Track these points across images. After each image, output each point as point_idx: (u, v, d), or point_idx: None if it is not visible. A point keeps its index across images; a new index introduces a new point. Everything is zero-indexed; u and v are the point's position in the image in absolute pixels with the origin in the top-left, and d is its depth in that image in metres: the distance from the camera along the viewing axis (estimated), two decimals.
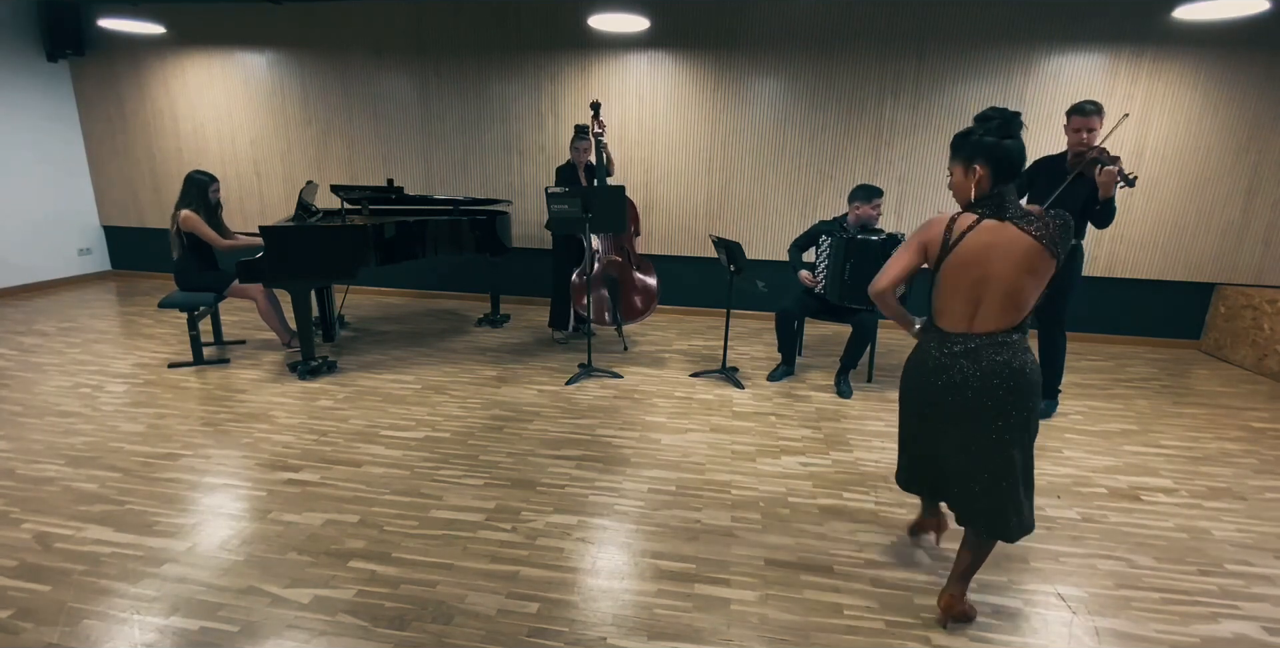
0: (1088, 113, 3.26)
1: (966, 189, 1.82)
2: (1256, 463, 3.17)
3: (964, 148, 1.81)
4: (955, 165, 1.83)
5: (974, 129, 1.80)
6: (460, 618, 1.96)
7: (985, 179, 1.78)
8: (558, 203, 3.86)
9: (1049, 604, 2.09)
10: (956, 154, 1.83)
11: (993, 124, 1.77)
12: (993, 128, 1.77)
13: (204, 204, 4.13)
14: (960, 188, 1.84)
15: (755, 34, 5.18)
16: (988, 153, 1.77)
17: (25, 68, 6.00)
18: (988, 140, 1.77)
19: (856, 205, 3.92)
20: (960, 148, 1.82)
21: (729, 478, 2.87)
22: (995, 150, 1.76)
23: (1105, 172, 3.11)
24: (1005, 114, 1.76)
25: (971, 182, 1.80)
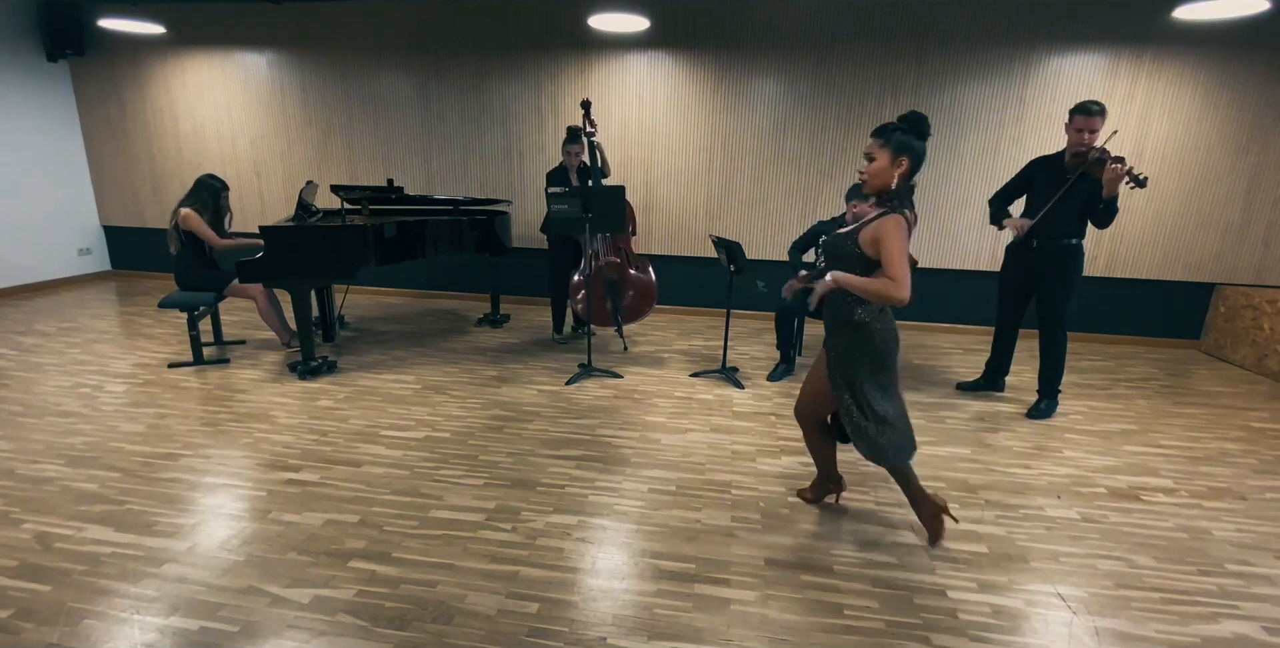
0: (1092, 113, 3.25)
1: (889, 177, 2.03)
2: (1256, 463, 3.17)
3: (893, 139, 2.02)
4: (883, 152, 2.02)
5: (901, 125, 2.02)
6: (460, 618, 1.96)
7: (905, 173, 2.03)
8: (558, 203, 3.86)
9: (1049, 604, 2.09)
10: (887, 143, 2.01)
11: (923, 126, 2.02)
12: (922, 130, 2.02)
13: (210, 208, 4.16)
14: (883, 174, 2.04)
15: (755, 34, 5.18)
16: (913, 151, 2.02)
17: (25, 68, 6.00)
18: (916, 142, 2.02)
19: (854, 203, 3.92)
20: (890, 138, 2.02)
21: (729, 478, 2.87)
22: (919, 150, 2.03)
23: (1111, 169, 3.09)
24: (923, 118, 2.02)
25: (896, 172, 2.02)
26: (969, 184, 5.18)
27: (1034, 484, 2.89)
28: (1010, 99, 4.97)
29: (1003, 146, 5.05)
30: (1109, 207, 3.23)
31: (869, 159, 2.05)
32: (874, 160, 2.03)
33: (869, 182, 2.06)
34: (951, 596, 2.11)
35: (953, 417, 3.65)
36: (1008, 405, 3.83)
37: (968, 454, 3.17)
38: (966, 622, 1.99)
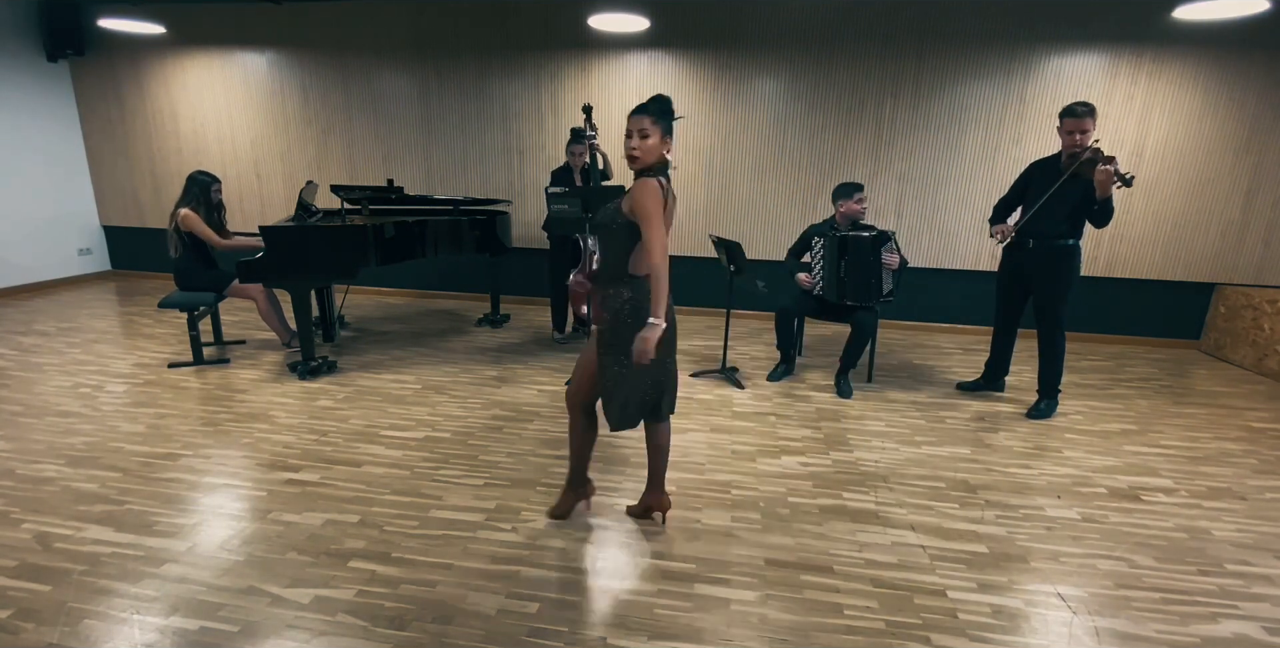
0: (1079, 115, 3.26)
1: (659, 153, 2.14)
2: (1256, 463, 3.17)
3: (667, 119, 2.13)
4: (655, 129, 2.10)
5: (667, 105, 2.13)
6: (460, 618, 1.96)
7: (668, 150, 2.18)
8: (558, 203, 3.85)
9: (1049, 604, 2.09)
10: (661, 121, 2.11)
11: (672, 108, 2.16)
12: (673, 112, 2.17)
13: (205, 204, 4.15)
14: (654, 150, 2.13)
15: (755, 34, 5.18)
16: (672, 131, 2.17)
17: (25, 68, 6.00)
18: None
19: (841, 203, 3.94)
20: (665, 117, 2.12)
21: (729, 478, 2.87)
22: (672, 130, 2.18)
23: (1101, 170, 3.11)
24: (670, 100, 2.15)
25: (663, 149, 2.14)
26: (969, 184, 5.18)
27: (1034, 484, 2.89)
28: (1010, 99, 4.97)
29: (1003, 146, 5.05)
30: (1104, 207, 3.24)
31: (642, 136, 2.10)
32: (647, 137, 2.10)
33: (641, 157, 2.12)
34: (951, 596, 2.12)
35: (953, 417, 3.65)
36: (1008, 405, 3.83)
37: (968, 454, 3.17)
38: (966, 622, 1.99)
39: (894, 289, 3.90)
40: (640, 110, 2.11)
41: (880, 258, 3.79)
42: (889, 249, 3.81)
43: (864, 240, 3.80)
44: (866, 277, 3.83)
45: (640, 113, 2.10)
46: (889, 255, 3.81)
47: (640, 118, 2.09)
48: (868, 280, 3.83)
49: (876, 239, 3.78)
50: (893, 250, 3.82)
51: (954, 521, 2.57)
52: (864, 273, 3.83)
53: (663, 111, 2.11)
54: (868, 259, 3.81)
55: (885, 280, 3.85)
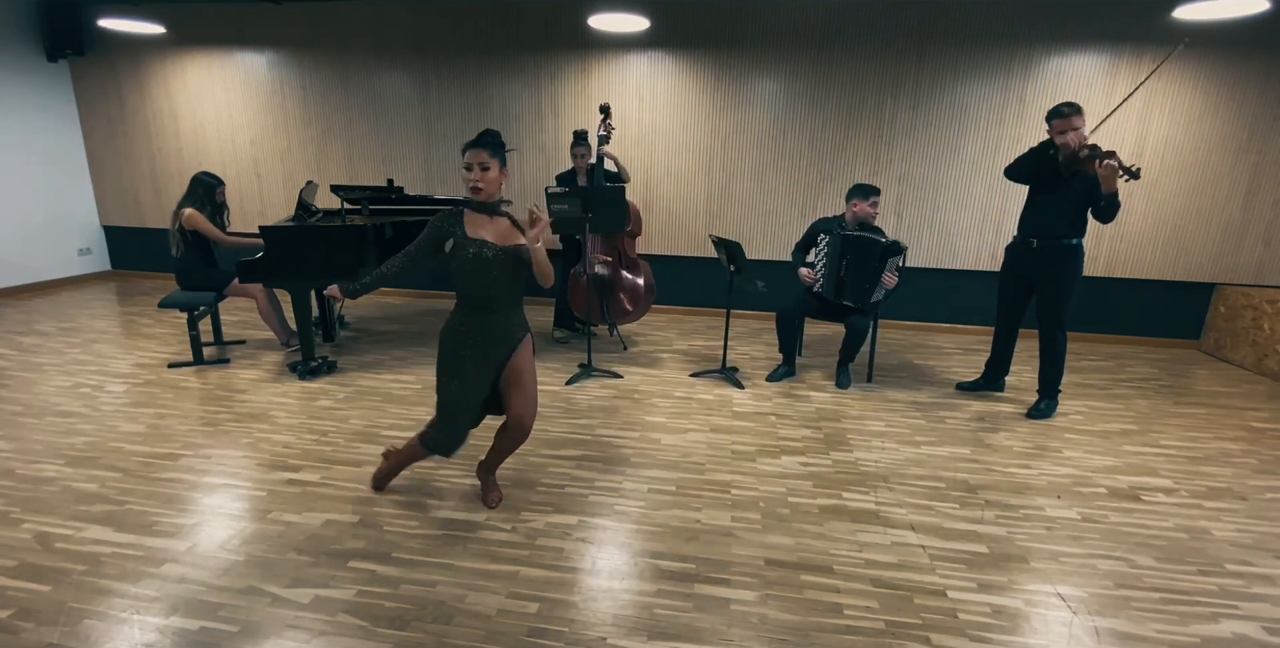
0: (1066, 115, 3.26)
1: (498, 184, 2.27)
2: (1256, 463, 3.17)
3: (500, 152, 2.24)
4: (495, 162, 2.22)
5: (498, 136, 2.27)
6: (460, 618, 1.96)
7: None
8: (558, 203, 3.86)
9: (1049, 604, 2.09)
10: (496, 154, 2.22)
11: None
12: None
13: (210, 205, 4.17)
14: (495, 182, 2.25)
15: (755, 34, 5.18)
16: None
17: (25, 68, 6.00)
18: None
19: (854, 203, 3.93)
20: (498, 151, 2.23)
21: (729, 478, 2.87)
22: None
23: (1105, 165, 3.09)
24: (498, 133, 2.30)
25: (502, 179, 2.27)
26: (969, 184, 5.18)
27: (1034, 484, 2.89)
28: (1010, 99, 4.97)
29: (1003, 146, 5.05)
30: (1110, 201, 3.23)
31: (484, 168, 2.20)
32: (488, 169, 2.21)
33: (486, 189, 2.23)
34: (951, 596, 2.12)
35: (953, 417, 3.65)
36: (1008, 405, 3.83)
37: (968, 454, 3.17)
38: (966, 622, 1.99)
39: (882, 301, 3.92)
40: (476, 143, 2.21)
41: (884, 266, 3.76)
42: (893, 267, 3.78)
43: (873, 245, 3.76)
44: (863, 280, 3.83)
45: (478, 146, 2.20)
46: (889, 275, 3.78)
47: (480, 152, 2.19)
48: (863, 283, 3.83)
49: (888, 248, 3.74)
50: (895, 269, 3.80)
51: (954, 521, 2.57)
52: (863, 276, 3.82)
53: (492, 142, 2.22)
54: (871, 264, 3.78)
55: (877, 291, 3.84)
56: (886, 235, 3.92)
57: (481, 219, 2.29)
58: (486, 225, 2.29)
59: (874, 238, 3.80)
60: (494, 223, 2.30)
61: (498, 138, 2.25)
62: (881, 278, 3.79)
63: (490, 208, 2.29)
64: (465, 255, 2.24)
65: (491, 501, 2.59)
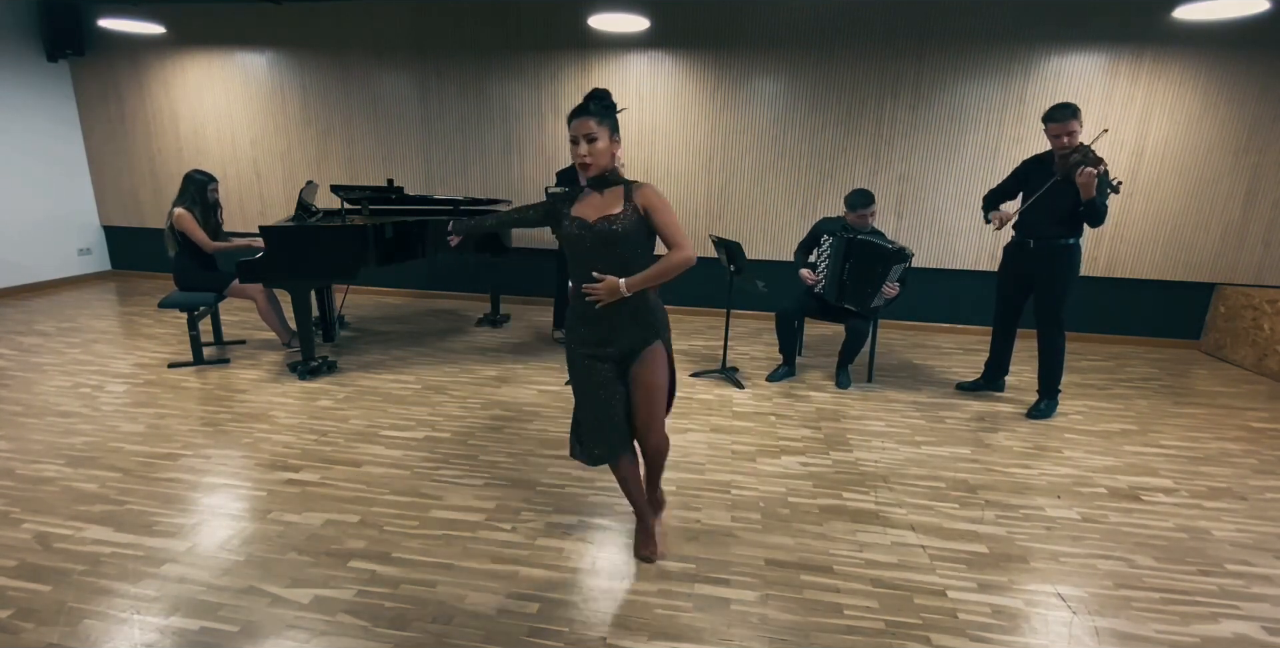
0: (1061, 119, 3.26)
1: (611, 156, 1.95)
2: (1256, 463, 3.17)
3: (609, 116, 1.92)
4: (603, 130, 1.90)
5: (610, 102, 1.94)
6: (460, 618, 1.96)
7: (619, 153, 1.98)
8: None
9: (1049, 604, 2.09)
10: (605, 120, 1.90)
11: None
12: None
13: (201, 203, 4.14)
14: (606, 154, 1.93)
15: (755, 34, 5.18)
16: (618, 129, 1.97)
17: (25, 68, 6.00)
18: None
19: (847, 214, 3.90)
20: (607, 115, 1.91)
21: (729, 478, 2.87)
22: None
23: (1085, 173, 3.13)
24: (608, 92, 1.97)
25: (615, 151, 1.95)
26: (969, 184, 5.18)
27: (1034, 484, 2.89)
28: (1010, 99, 4.97)
29: (1003, 146, 5.05)
30: (1090, 207, 3.24)
31: (590, 140, 1.88)
32: (595, 140, 1.89)
33: (594, 163, 1.91)
34: (951, 596, 2.12)
35: (953, 417, 3.65)
36: (1008, 405, 3.83)
37: (968, 454, 3.17)
38: (966, 622, 1.99)
39: (880, 307, 3.90)
40: (583, 110, 1.90)
41: (888, 272, 3.73)
42: (895, 276, 3.75)
43: (880, 251, 3.72)
44: (866, 284, 3.80)
45: (583, 114, 1.89)
46: (889, 286, 3.76)
47: (587, 121, 1.88)
48: (865, 288, 3.81)
49: (894, 255, 3.69)
50: (897, 278, 3.76)
51: (954, 521, 2.57)
52: (866, 280, 3.80)
53: (602, 106, 1.91)
54: (876, 269, 3.75)
55: (877, 297, 3.82)
56: (887, 237, 3.91)
57: (593, 196, 1.99)
58: (595, 203, 1.98)
59: (881, 244, 3.76)
60: (603, 199, 1.98)
61: (606, 98, 1.91)
62: (882, 288, 3.77)
63: (602, 182, 1.98)
64: (564, 233, 2.01)
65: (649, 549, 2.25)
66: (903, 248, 3.71)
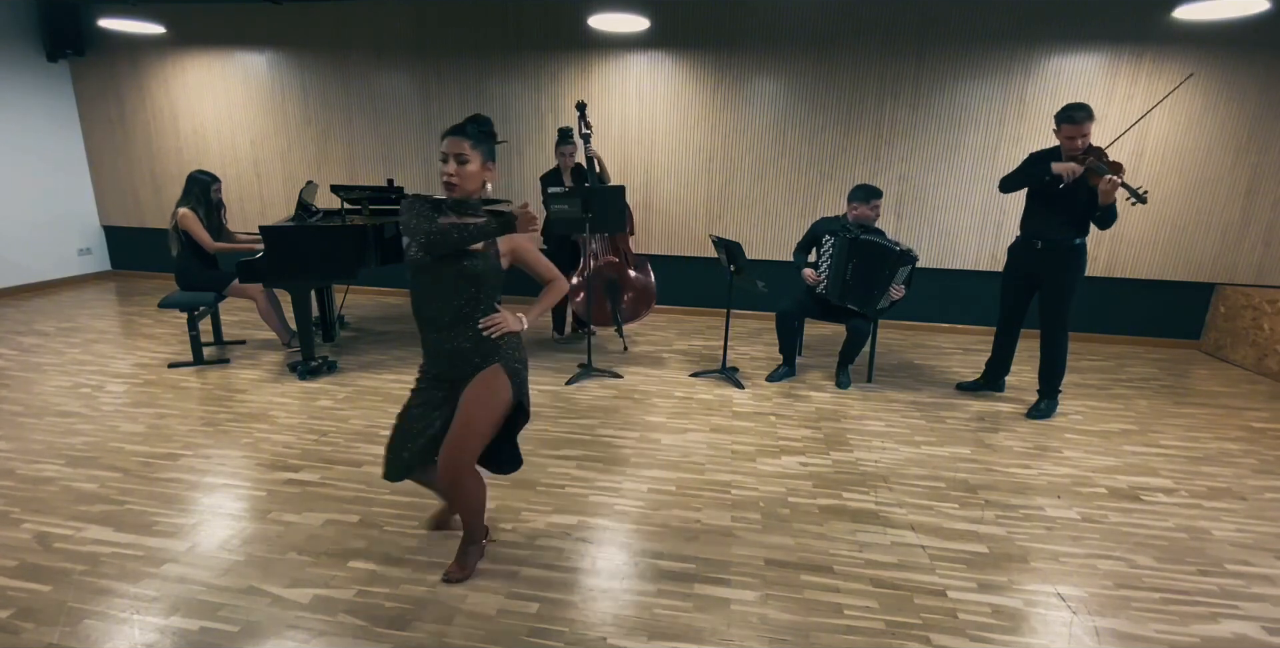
0: (1078, 121, 3.23)
1: (481, 182, 1.92)
2: (1256, 463, 3.17)
3: (486, 142, 1.90)
4: (476, 153, 1.87)
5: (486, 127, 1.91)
6: (460, 618, 1.96)
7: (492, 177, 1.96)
8: (558, 203, 3.86)
9: (1049, 604, 2.09)
10: (480, 145, 1.88)
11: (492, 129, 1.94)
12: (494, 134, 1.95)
13: (205, 203, 4.16)
14: (476, 178, 1.90)
15: (755, 34, 5.18)
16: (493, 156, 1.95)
17: (25, 68, 6.00)
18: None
19: (854, 206, 3.91)
20: (483, 140, 1.89)
21: (729, 478, 2.87)
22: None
23: (1108, 181, 3.10)
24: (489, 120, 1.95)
25: (487, 175, 1.93)
26: (969, 184, 5.18)
27: (1034, 484, 2.89)
28: (1010, 99, 4.97)
29: (1003, 146, 5.05)
30: (1107, 211, 3.24)
31: (461, 161, 1.85)
32: (467, 162, 1.85)
33: (460, 185, 1.87)
34: (951, 596, 2.12)
35: (953, 417, 3.65)
36: (1008, 405, 3.83)
37: (968, 454, 3.17)
38: (966, 622, 1.99)
39: (886, 309, 3.88)
40: (455, 130, 1.86)
41: (895, 274, 3.71)
42: (902, 278, 3.73)
43: (885, 252, 3.70)
44: (871, 285, 3.78)
45: (455, 134, 1.85)
46: (896, 288, 3.74)
47: (457, 140, 1.84)
48: (870, 290, 3.79)
49: (901, 257, 3.66)
50: (903, 280, 3.75)
51: (954, 521, 2.57)
52: (871, 281, 3.78)
53: (476, 129, 1.88)
54: (882, 270, 3.72)
55: (884, 299, 3.81)
56: (887, 236, 3.90)
57: (451, 220, 1.93)
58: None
59: (886, 244, 3.73)
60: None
61: (487, 125, 1.90)
62: (889, 289, 3.75)
63: (462, 207, 1.93)
64: (407, 254, 1.92)
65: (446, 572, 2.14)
66: (909, 250, 3.70)
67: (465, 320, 1.94)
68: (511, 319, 1.97)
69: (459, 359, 1.98)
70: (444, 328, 1.94)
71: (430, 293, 1.92)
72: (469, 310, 1.93)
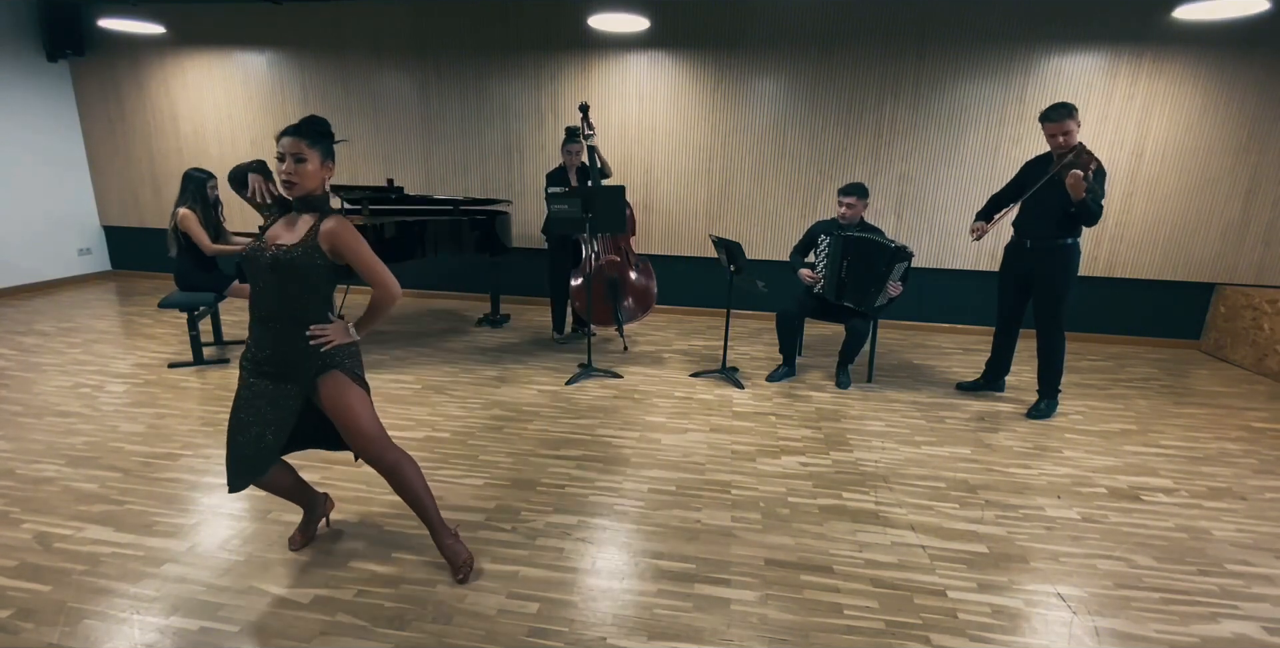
0: (1055, 118, 3.26)
1: (321, 180, 1.97)
2: (1256, 463, 3.17)
3: (323, 141, 1.94)
4: (314, 153, 1.91)
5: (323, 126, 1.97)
6: (460, 618, 1.96)
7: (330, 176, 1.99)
8: (558, 203, 3.86)
9: (1049, 604, 2.09)
10: (318, 144, 1.92)
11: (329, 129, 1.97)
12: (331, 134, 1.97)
13: (201, 201, 4.14)
14: (315, 177, 1.94)
15: (755, 34, 5.18)
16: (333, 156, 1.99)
17: (25, 68, 6.00)
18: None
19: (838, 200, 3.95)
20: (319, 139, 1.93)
21: (729, 478, 2.87)
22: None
23: (1072, 175, 3.13)
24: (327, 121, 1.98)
25: (325, 175, 1.97)
26: (969, 184, 5.18)
27: (1034, 484, 2.89)
28: (1010, 99, 4.97)
29: (1003, 146, 5.05)
30: (1080, 207, 3.25)
31: (299, 160, 1.88)
32: (304, 161, 1.89)
33: (300, 183, 1.90)
34: (951, 596, 2.12)
35: (953, 417, 3.65)
36: (1008, 405, 3.83)
37: (968, 454, 3.17)
38: (966, 622, 1.99)
39: (884, 306, 3.89)
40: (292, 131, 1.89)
41: (891, 271, 3.72)
42: (899, 274, 3.75)
43: (879, 248, 3.73)
44: (867, 283, 3.80)
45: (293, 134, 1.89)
46: (893, 285, 3.76)
47: (295, 140, 1.88)
48: (867, 287, 3.81)
49: (895, 253, 3.69)
50: (899, 277, 3.77)
51: (954, 521, 2.57)
52: (867, 278, 3.80)
53: (312, 129, 1.91)
54: (878, 267, 3.74)
55: (880, 296, 3.82)
56: (885, 235, 3.91)
57: (290, 218, 1.98)
58: (288, 226, 1.96)
59: (879, 240, 3.76)
60: (297, 223, 1.95)
61: (323, 125, 1.94)
62: (886, 285, 3.77)
63: (305, 204, 1.95)
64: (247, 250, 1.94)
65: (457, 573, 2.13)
66: (904, 246, 3.71)
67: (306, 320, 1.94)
68: (338, 330, 2.00)
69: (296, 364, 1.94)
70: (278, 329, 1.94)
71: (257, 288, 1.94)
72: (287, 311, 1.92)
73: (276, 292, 1.91)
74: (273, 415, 1.95)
